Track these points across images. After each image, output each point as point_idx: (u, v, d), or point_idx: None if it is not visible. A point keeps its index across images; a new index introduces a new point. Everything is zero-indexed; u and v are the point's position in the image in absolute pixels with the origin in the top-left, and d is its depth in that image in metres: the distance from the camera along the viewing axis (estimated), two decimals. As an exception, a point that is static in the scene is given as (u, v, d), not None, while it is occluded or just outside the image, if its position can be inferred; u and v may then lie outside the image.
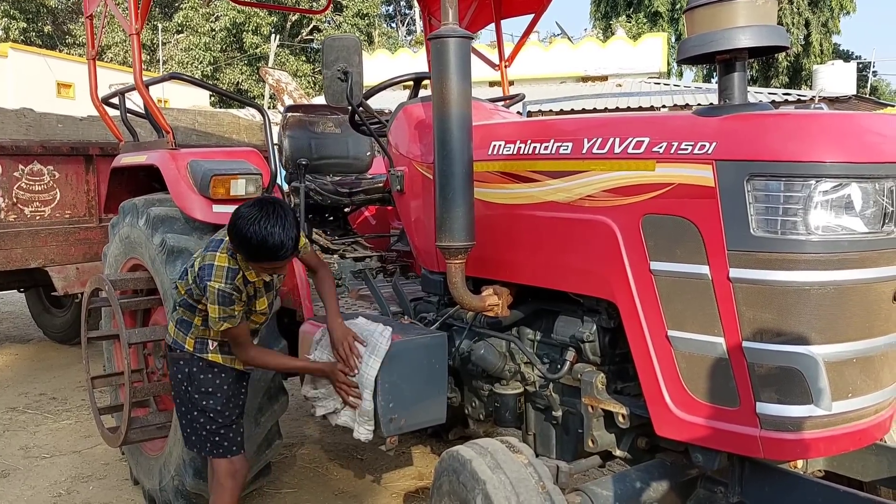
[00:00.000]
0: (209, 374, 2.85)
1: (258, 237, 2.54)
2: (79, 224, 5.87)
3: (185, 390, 2.86)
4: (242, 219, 2.56)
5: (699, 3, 2.12)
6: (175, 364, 2.89)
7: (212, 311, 2.66)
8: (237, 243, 2.61)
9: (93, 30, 4.26)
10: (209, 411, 2.84)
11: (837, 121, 2.07)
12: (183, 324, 2.86)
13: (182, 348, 2.85)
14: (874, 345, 2.07)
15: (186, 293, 2.80)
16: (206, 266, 2.66)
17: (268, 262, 2.63)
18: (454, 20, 2.53)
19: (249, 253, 2.60)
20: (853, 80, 21.11)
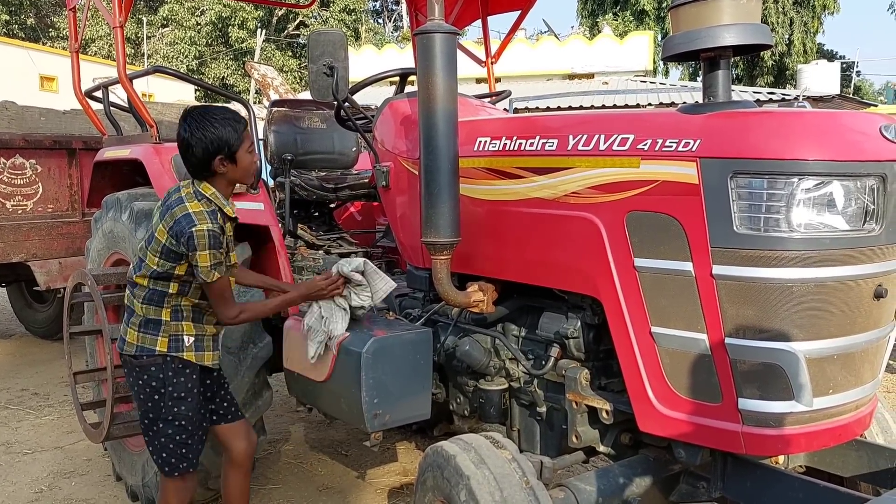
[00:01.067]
0: (181, 378, 2.61)
1: (220, 120, 2.50)
2: (61, 218, 5.83)
3: (156, 400, 2.60)
4: (194, 128, 2.50)
5: (684, 1, 2.13)
6: (144, 373, 2.60)
7: (202, 259, 2.45)
8: (213, 146, 2.49)
9: (76, 23, 4.22)
10: (180, 419, 2.61)
11: (820, 119, 2.09)
12: (150, 325, 2.60)
13: (152, 353, 2.59)
14: (855, 341, 2.09)
15: (159, 263, 2.53)
16: (183, 217, 2.46)
17: (244, 133, 2.56)
18: (440, 16, 2.52)
19: (229, 141, 2.50)
20: (837, 80, 21.28)
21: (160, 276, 2.55)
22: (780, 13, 27.45)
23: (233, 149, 2.52)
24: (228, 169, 2.56)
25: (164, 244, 2.50)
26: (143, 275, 2.57)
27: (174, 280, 2.56)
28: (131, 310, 2.63)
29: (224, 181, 2.59)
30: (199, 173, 2.56)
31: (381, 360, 2.70)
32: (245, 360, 3.31)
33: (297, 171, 4.48)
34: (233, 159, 2.54)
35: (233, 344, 3.27)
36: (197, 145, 2.48)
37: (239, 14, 26.99)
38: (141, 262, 2.59)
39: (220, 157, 2.51)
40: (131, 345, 2.61)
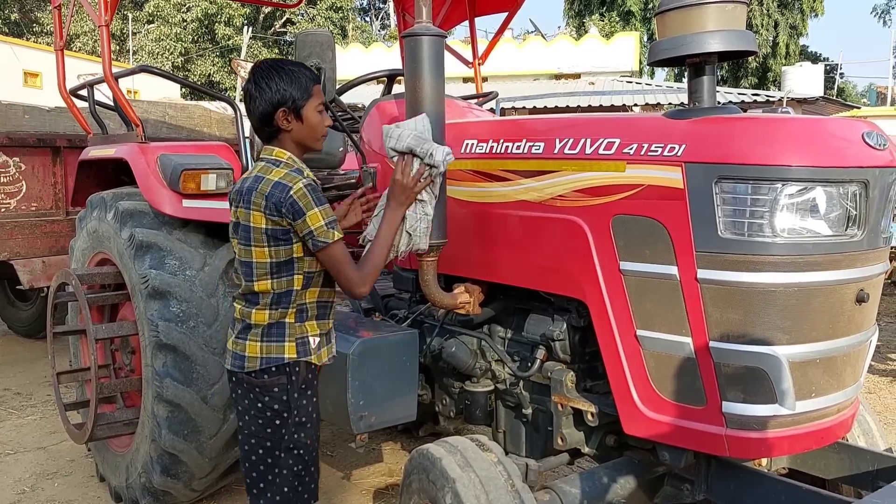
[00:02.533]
0: (304, 400, 2.31)
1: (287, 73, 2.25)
2: (45, 217, 5.79)
3: (277, 426, 2.28)
4: (258, 77, 2.26)
5: (670, 7, 2.14)
6: (266, 394, 2.26)
7: (314, 219, 2.15)
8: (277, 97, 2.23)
9: (61, 20, 4.19)
10: (300, 447, 2.32)
11: (803, 125, 2.11)
12: (273, 331, 2.27)
13: (281, 362, 2.26)
14: (837, 345, 2.11)
15: (273, 253, 2.21)
16: (273, 187, 2.16)
17: (314, 89, 2.30)
18: (428, 18, 2.53)
19: (294, 94, 2.24)
20: (821, 82, 21.43)
21: (281, 269, 2.23)
22: (765, 15, 27.64)
23: (298, 103, 2.26)
24: (294, 126, 2.28)
25: (267, 228, 2.19)
26: (262, 277, 2.24)
27: (297, 272, 2.25)
28: (247, 323, 2.28)
29: (291, 143, 2.31)
30: (262, 130, 2.31)
31: (368, 362, 2.70)
32: (230, 360, 3.30)
33: (283, 170, 4.46)
34: (298, 115, 2.27)
35: (218, 345, 3.26)
36: (261, 96, 2.24)
37: (225, 11, 26.83)
38: (251, 268, 2.25)
39: (284, 111, 2.25)
40: (254, 359, 2.26)
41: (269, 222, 2.18)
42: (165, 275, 3.26)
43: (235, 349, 2.31)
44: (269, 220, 2.18)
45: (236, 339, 2.31)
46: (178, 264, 3.31)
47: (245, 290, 2.30)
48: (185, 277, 3.28)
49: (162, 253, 3.31)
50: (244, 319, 2.30)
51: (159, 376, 3.21)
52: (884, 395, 5.56)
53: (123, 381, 3.63)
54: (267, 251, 2.22)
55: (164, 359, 3.21)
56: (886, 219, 2.19)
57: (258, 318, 2.27)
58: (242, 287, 2.30)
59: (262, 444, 2.30)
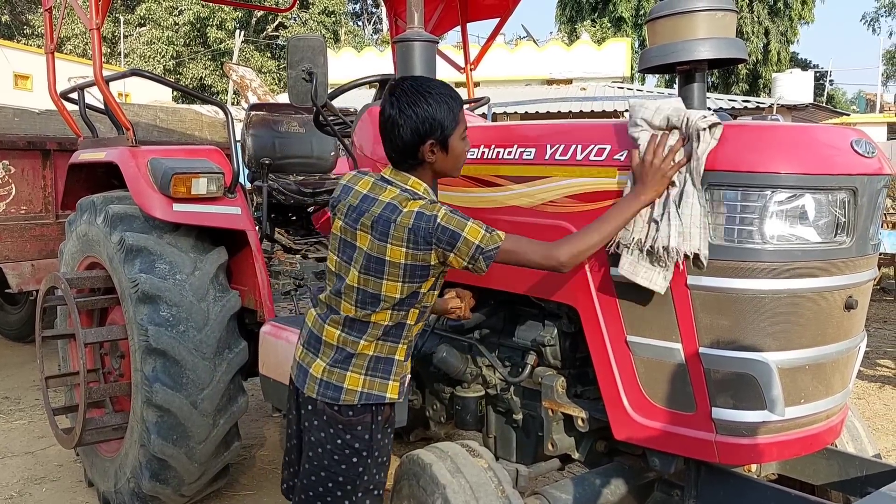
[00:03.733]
0: (386, 440, 2.20)
1: (435, 96, 2.04)
2: (35, 220, 5.76)
3: (355, 463, 2.13)
4: (403, 103, 2.04)
5: (660, 14, 2.16)
6: (349, 431, 2.11)
7: (473, 233, 1.97)
8: (425, 126, 2.02)
9: (52, 23, 4.18)
10: (380, 488, 2.20)
11: (792, 133, 2.12)
12: (380, 366, 2.13)
13: (382, 401, 2.13)
14: (826, 352, 2.12)
15: (404, 289, 2.05)
16: (415, 218, 1.97)
17: (461, 115, 2.11)
18: (419, 24, 2.54)
19: (444, 122, 2.04)
20: (810, 89, 21.60)
21: (404, 303, 2.09)
22: (756, 22, 27.81)
23: (446, 132, 2.06)
24: (438, 158, 2.08)
25: (407, 264, 2.01)
26: (385, 309, 2.08)
27: (416, 306, 2.12)
28: (348, 352, 2.12)
29: (430, 173, 2.12)
30: (402, 160, 2.10)
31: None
32: (221, 365, 3.30)
33: (275, 175, 4.46)
34: (444, 146, 2.07)
35: (208, 349, 3.26)
36: (406, 124, 2.02)
37: (217, 14, 26.80)
38: (377, 300, 2.07)
39: (432, 143, 2.05)
40: (353, 392, 2.10)
41: (410, 258, 2.00)
42: (155, 279, 3.24)
43: (330, 378, 2.12)
44: (412, 256, 2.00)
45: (332, 367, 2.12)
46: (168, 268, 3.30)
47: (354, 315, 2.11)
48: (175, 281, 3.27)
49: (152, 257, 3.30)
50: (346, 349, 2.12)
51: (149, 381, 3.20)
52: (873, 401, 5.59)
53: (112, 386, 3.61)
54: (400, 286, 2.05)
55: (153, 363, 3.20)
56: (875, 226, 2.20)
57: (365, 349, 2.11)
58: (352, 313, 2.11)
59: (333, 478, 2.14)
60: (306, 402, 2.19)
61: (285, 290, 3.82)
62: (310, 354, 2.20)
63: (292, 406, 2.33)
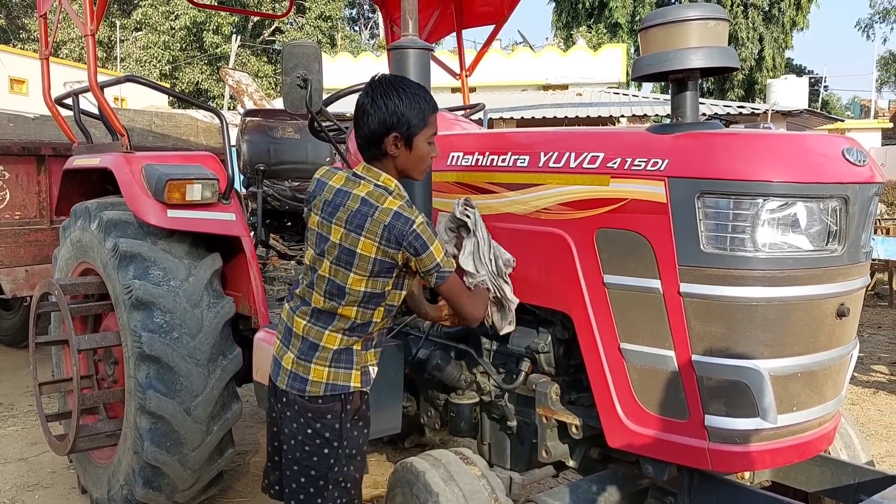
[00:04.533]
0: (355, 432, 2.24)
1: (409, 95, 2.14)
2: (29, 225, 5.75)
3: (326, 455, 2.19)
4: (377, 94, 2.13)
5: (653, 23, 2.16)
6: (318, 420, 2.18)
7: (437, 252, 2.10)
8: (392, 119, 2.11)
9: (46, 29, 4.18)
10: (349, 481, 2.22)
11: (784, 142, 2.13)
12: (343, 357, 2.20)
13: (347, 390, 2.19)
14: (818, 359, 2.13)
15: (370, 283, 2.13)
16: (393, 217, 2.06)
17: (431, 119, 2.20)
18: (414, 31, 2.54)
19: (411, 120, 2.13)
20: (805, 95, 21.63)
21: (370, 301, 2.16)
22: (750, 28, 27.89)
23: (412, 130, 2.15)
24: (401, 153, 2.17)
25: (376, 258, 2.09)
26: (351, 304, 2.15)
27: (382, 304, 2.20)
28: (314, 343, 2.19)
29: (394, 169, 2.20)
30: (367, 149, 2.20)
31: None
32: (215, 371, 3.29)
33: (269, 180, 4.46)
34: (409, 143, 2.16)
35: (202, 356, 3.25)
36: (375, 114, 2.12)
37: (214, 19, 26.80)
38: (342, 292, 2.14)
39: (395, 136, 2.13)
40: (318, 383, 2.17)
41: (381, 253, 2.08)
42: (149, 285, 3.24)
43: (297, 370, 2.20)
44: (382, 251, 2.08)
45: (299, 359, 2.20)
46: (162, 275, 3.29)
47: (322, 307, 2.19)
48: (169, 288, 3.27)
49: (146, 263, 3.29)
50: (310, 339, 2.20)
51: (142, 387, 3.19)
52: (866, 407, 5.60)
53: (106, 393, 3.60)
54: (365, 281, 2.12)
55: (147, 370, 3.19)
56: (867, 233, 2.21)
57: (330, 342, 2.19)
58: (321, 304, 2.19)
59: (305, 472, 2.19)
60: (280, 395, 2.26)
61: (280, 296, 3.82)
62: (283, 347, 2.28)
63: (272, 403, 2.35)
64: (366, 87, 2.19)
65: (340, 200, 2.16)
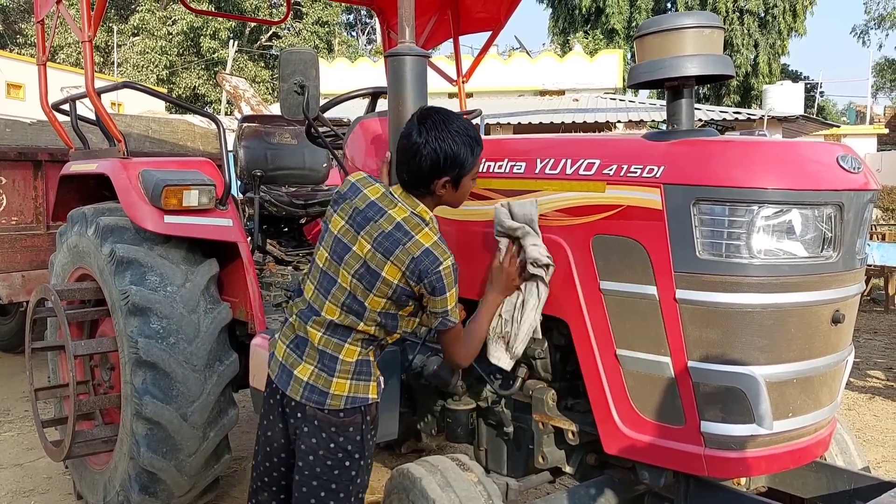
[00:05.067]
0: (371, 442, 2.24)
1: (462, 136, 2.13)
2: (25, 231, 5.75)
3: (347, 467, 2.18)
4: (432, 135, 2.11)
5: (648, 31, 2.17)
6: (341, 434, 2.16)
7: (450, 300, 2.12)
8: (447, 163, 2.11)
9: (44, 35, 4.18)
10: (362, 491, 2.24)
11: (779, 149, 2.14)
12: (363, 370, 2.20)
13: (366, 402, 2.19)
14: (813, 366, 2.14)
15: (386, 306, 2.14)
16: (423, 254, 2.06)
17: (479, 158, 2.23)
18: (411, 38, 2.54)
19: (465, 163, 2.14)
20: (801, 101, 21.74)
21: (387, 321, 2.18)
22: (746, 35, 27.98)
23: (463, 172, 2.17)
24: (447, 193, 2.19)
25: (398, 285, 2.09)
26: (370, 323, 2.16)
27: (398, 330, 2.24)
28: (334, 356, 2.17)
29: (433, 202, 2.21)
30: (414, 186, 2.18)
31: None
32: (211, 377, 3.29)
33: (266, 186, 4.47)
34: (457, 184, 2.18)
35: (199, 362, 3.25)
36: (428, 156, 2.11)
37: (211, 24, 26.81)
38: (363, 310, 2.14)
39: (447, 179, 2.15)
40: (339, 397, 2.16)
41: (403, 281, 2.09)
42: (146, 291, 3.24)
43: (316, 382, 2.17)
44: (405, 281, 2.09)
45: (320, 371, 2.17)
46: (158, 280, 3.29)
47: (339, 320, 2.16)
48: (165, 294, 3.27)
49: (143, 269, 3.29)
50: (329, 351, 2.18)
51: (139, 393, 3.18)
52: (863, 412, 5.61)
53: (102, 398, 3.60)
54: (384, 303, 2.13)
55: (143, 376, 3.19)
56: (862, 240, 2.22)
57: (348, 355, 2.18)
58: (337, 317, 2.16)
59: (326, 485, 2.16)
60: (295, 410, 2.21)
61: (276, 301, 3.82)
62: (293, 355, 2.23)
63: (272, 410, 2.30)
64: (415, 122, 2.16)
65: (373, 215, 2.13)
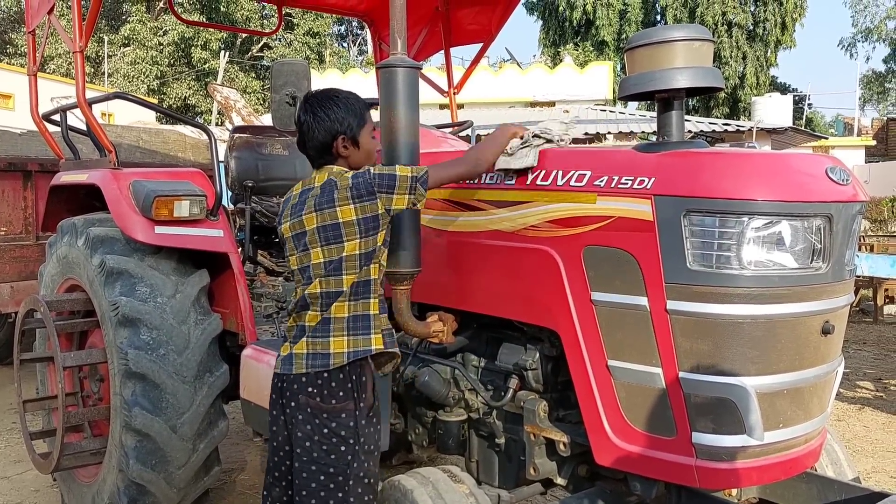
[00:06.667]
0: (371, 425, 2.30)
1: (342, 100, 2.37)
2: (15, 241, 5.72)
3: (343, 452, 2.23)
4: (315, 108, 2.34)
5: (639, 44, 2.19)
6: (333, 419, 2.23)
7: (403, 170, 2.28)
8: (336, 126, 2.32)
9: (35, 46, 4.17)
10: (370, 476, 2.28)
11: (769, 160, 2.15)
12: (361, 323, 2.28)
13: (369, 352, 2.28)
14: (804, 376, 2.14)
15: (363, 244, 2.25)
16: (352, 177, 2.27)
17: (367, 115, 2.42)
18: (403, 50, 2.55)
19: (351, 123, 2.34)
20: (789, 112, 21.89)
21: (365, 260, 2.27)
22: (734, 47, 28.18)
23: (354, 129, 2.36)
24: (351, 153, 2.38)
25: (358, 219, 2.23)
26: (351, 270, 2.25)
27: (375, 261, 2.30)
28: (325, 318, 2.27)
29: (346, 166, 2.39)
30: (319, 157, 2.39)
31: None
32: (201, 388, 3.28)
33: (258, 197, 4.46)
34: (355, 142, 2.37)
35: (189, 373, 3.23)
36: (319, 125, 2.33)
37: (202, 35, 26.80)
38: (340, 264, 2.25)
39: (343, 138, 2.34)
40: (341, 354, 2.24)
41: (359, 211, 2.24)
42: (136, 302, 3.22)
43: (314, 349, 2.26)
44: (361, 209, 2.23)
45: (313, 338, 2.27)
46: (148, 291, 3.28)
47: (324, 289, 2.27)
48: (155, 304, 3.25)
49: (133, 280, 3.28)
50: (321, 317, 2.27)
51: (128, 405, 3.17)
52: (852, 423, 5.63)
53: (91, 410, 3.57)
54: (358, 242, 2.25)
55: (133, 387, 3.17)
56: (851, 251, 2.23)
57: (338, 311, 2.26)
58: (322, 287, 2.27)
59: (325, 470, 2.22)
60: (290, 400, 2.28)
61: (267, 312, 3.81)
62: (294, 343, 2.34)
63: (275, 405, 2.37)
64: (302, 105, 2.40)
65: (306, 196, 2.34)
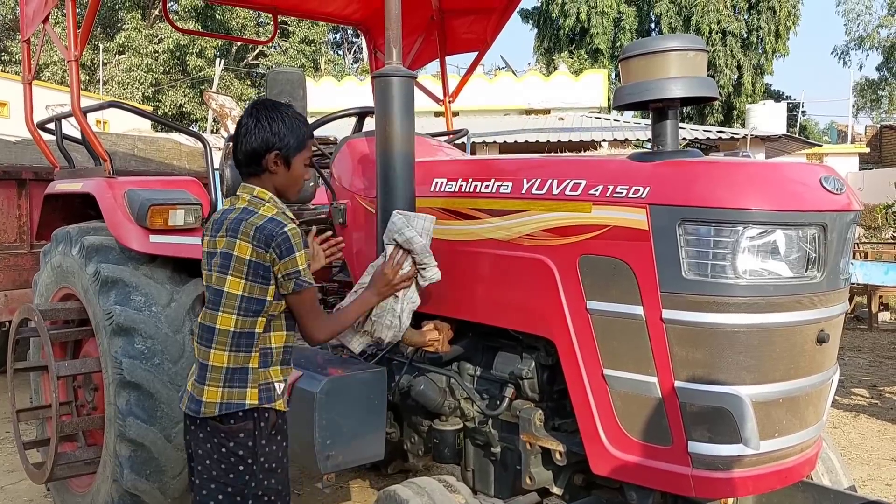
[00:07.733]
0: (273, 445, 2.27)
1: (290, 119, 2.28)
2: (9, 250, 5.69)
3: (241, 472, 2.21)
4: (261, 116, 2.27)
5: (633, 53, 2.20)
6: (231, 439, 2.20)
7: (301, 260, 2.18)
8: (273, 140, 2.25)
9: (30, 54, 4.17)
10: (270, 494, 2.26)
11: (763, 170, 2.16)
12: (237, 376, 2.21)
13: (243, 408, 2.20)
14: (799, 385, 2.15)
15: (247, 288, 2.20)
16: (267, 222, 2.18)
17: (308, 143, 2.35)
18: (398, 59, 2.56)
19: (290, 142, 2.27)
20: (784, 120, 21.95)
21: (249, 308, 2.21)
22: (729, 55, 28.30)
23: (290, 150, 2.29)
24: (279, 171, 2.30)
25: (250, 260, 2.18)
26: (229, 310, 2.20)
27: (263, 314, 2.23)
28: (204, 364, 2.23)
29: (272, 186, 2.32)
30: (247, 164, 2.31)
31: (335, 401, 2.68)
32: (196, 398, 3.26)
33: (253, 205, 4.45)
34: (287, 162, 2.30)
35: (184, 383, 3.21)
36: (258, 133, 2.25)
37: (197, 42, 26.80)
38: (220, 297, 2.22)
39: (276, 153, 2.26)
40: (212, 404, 2.19)
41: (254, 254, 2.18)
42: (131, 311, 3.22)
43: (193, 391, 2.26)
44: (255, 252, 2.18)
45: (196, 381, 2.26)
46: (143, 300, 3.27)
47: (204, 321, 2.26)
48: (150, 314, 3.25)
49: (127, 289, 3.27)
50: (200, 360, 2.26)
51: (122, 414, 3.15)
52: (848, 431, 5.63)
53: (85, 420, 3.56)
54: (242, 284, 2.20)
55: (127, 396, 3.16)
56: (845, 259, 2.24)
57: (216, 360, 2.21)
58: (204, 318, 2.26)
59: (222, 489, 2.21)
60: (189, 420, 2.30)
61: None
62: (189, 376, 2.35)
63: (185, 431, 2.38)
64: (249, 108, 2.33)
65: (224, 216, 2.28)
